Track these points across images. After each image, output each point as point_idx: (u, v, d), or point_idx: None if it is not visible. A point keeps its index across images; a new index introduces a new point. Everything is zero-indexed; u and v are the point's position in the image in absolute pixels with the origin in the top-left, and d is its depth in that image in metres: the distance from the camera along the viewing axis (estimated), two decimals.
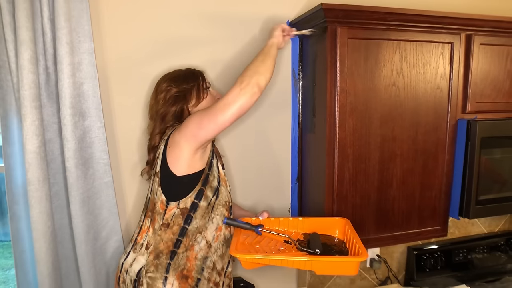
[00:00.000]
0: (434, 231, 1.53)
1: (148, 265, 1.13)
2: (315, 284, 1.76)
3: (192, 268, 1.15)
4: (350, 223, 1.22)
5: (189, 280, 1.15)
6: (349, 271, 1.06)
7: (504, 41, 1.48)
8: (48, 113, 1.28)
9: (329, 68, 1.29)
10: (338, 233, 1.25)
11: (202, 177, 1.15)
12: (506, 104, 1.54)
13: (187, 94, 1.24)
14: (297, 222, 1.28)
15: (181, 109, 1.23)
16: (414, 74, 1.38)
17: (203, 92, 1.26)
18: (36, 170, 1.19)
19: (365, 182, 1.38)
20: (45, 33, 1.22)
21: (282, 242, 1.21)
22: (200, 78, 1.28)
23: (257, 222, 1.25)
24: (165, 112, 1.22)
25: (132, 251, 1.19)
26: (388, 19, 1.30)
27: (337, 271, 1.08)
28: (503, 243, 1.98)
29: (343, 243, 1.21)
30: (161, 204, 1.15)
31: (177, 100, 1.22)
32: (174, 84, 1.23)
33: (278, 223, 1.28)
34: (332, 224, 1.27)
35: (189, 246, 1.15)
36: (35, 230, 1.22)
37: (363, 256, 1.02)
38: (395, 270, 1.90)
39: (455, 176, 1.51)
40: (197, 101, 1.25)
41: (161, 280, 1.12)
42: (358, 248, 1.07)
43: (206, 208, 1.16)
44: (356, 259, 1.05)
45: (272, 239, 1.23)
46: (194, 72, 1.29)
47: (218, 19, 1.46)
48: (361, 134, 1.35)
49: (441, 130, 1.45)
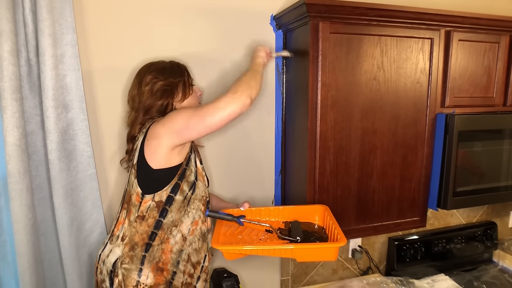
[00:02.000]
0: (413, 222, 1.58)
1: (124, 257, 1.14)
2: (298, 274, 1.80)
3: (167, 261, 1.17)
4: (329, 210, 1.26)
5: (165, 273, 1.16)
6: (329, 256, 1.10)
7: (482, 38, 1.52)
8: (30, 105, 1.27)
9: (311, 62, 1.31)
10: (318, 219, 1.29)
11: (179, 171, 1.16)
12: (483, 99, 1.58)
13: (174, 89, 1.24)
14: (278, 211, 1.31)
15: (167, 103, 1.23)
16: (395, 68, 1.41)
17: (189, 88, 1.27)
18: (17, 162, 1.19)
19: (346, 174, 1.41)
20: (27, 24, 1.21)
21: (264, 232, 1.24)
22: (186, 73, 1.28)
23: (238, 212, 1.27)
24: (151, 104, 1.21)
25: (109, 243, 1.20)
26: (369, 14, 1.33)
27: (317, 257, 1.12)
28: (480, 233, 2.04)
29: (323, 229, 1.24)
30: (136, 196, 1.16)
31: (164, 93, 1.22)
32: (161, 77, 1.22)
33: (259, 213, 1.31)
34: (312, 211, 1.31)
35: (164, 239, 1.16)
36: (16, 223, 1.21)
37: (341, 242, 1.06)
38: (376, 260, 1.95)
39: (434, 168, 1.56)
40: (183, 97, 1.25)
41: (136, 271, 1.13)
42: (337, 234, 1.10)
43: (182, 202, 1.17)
44: (334, 245, 1.08)
45: (253, 229, 1.25)
46: (180, 66, 1.29)
47: (201, 11, 1.46)
48: (342, 127, 1.38)
49: (421, 123, 1.49)
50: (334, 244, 1.08)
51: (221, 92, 1.52)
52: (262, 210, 1.31)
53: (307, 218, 1.30)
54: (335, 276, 1.88)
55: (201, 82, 1.48)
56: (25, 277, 1.25)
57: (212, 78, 1.51)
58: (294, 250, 1.08)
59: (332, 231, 1.15)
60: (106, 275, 1.16)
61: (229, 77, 1.51)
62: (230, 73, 1.52)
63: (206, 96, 1.48)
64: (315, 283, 1.84)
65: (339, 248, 1.09)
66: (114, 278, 1.14)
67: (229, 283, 1.45)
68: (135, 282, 1.13)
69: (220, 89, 1.51)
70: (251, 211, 1.30)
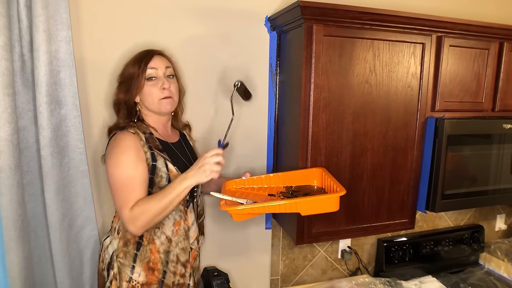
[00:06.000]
0: (402, 224, 1.60)
1: (118, 251, 1.19)
2: (288, 274, 1.82)
3: (156, 261, 1.19)
4: (326, 171, 1.31)
5: (156, 272, 1.19)
6: (331, 207, 1.14)
7: (472, 44, 1.55)
8: (22, 100, 1.27)
9: (305, 64, 1.32)
10: (316, 182, 1.34)
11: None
12: (472, 104, 1.61)
13: (128, 83, 1.19)
14: (277, 178, 1.35)
15: (127, 99, 1.21)
16: (386, 72, 1.43)
17: (138, 81, 1.18)
18: (8, 157, 1.19)
19: (336, 175, 1.42)
20: (21, 19, 1.21)
21: (267, 196, 1.27)
22: (144, 62, 1.18)
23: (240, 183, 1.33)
24: (114, 100, 1.25)
25: (110, 233, 1.26)
26: (362, 18, 1.35)
27: (320, 209, 1.15)
28: (467, 236, 2.07)
29: (322, 189, 1.29)
30: None
31: (121, 88, 1.23)
32: (123, 69, 1.24)
33: (260, 181, 1.34)
34: (310, 174, 1.35)
35: (150, 240, 1.19)
36: (5, 218, 1.21)
37: (341, 191, 1.12)
38: (365, 261, 1.97)
39: (423, 171, 1.58)
40: (136, 91, 1.19)
41: (129, 268, 1.17)
42: (336, 187, 1.16)
43: None
44: (335, 195, 1.13)
45: (256, 195, 1.28)
46: (141, 54, 1.22)
47: (197, 11, 1.47)
48: (334, 129, 1.39)
49: (411, 127, 1.52)
50: (335, 194, 1.13)
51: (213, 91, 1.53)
52: (263, 178, 1.34)
53: (306, 181, 1.35)
54: (324, 276, 1.90)
55: (191, 82, 1.48)
56: (14, 272, 1.25)
57: (205, 78, 1.52)
58: (298, 204, 1.11)
59: (332, 187, 1.21)
60: (105, 265, 1.21)
61: (225, 77, 1.52)
62: (226, 73, 1.53)
63: (198, 92, 1.49)
64: (305, 283, 1.86)
65: (339, 197, 1.13)
66: (110, 270, 1.18)
67: (219, 282, 1.46)
68: (128, 277, 1.17)
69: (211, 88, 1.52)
70: (253, 180, 1.34)
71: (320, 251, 1.86)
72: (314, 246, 1.85)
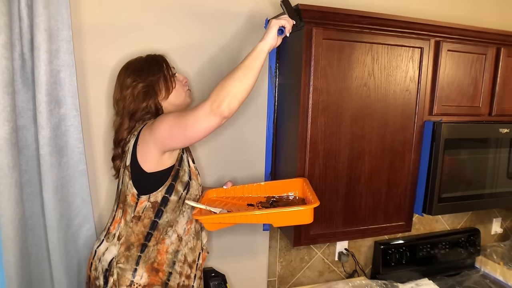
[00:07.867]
0: (399, 227, 1.61)
1: (119, 256, 1.14)
2: (285, 275, 1.82)
3: (163, 262, 1.16)
4: (307, 181, 1.30)
5: (160, 273, 1.16)
6: (304, 219, 1.10)
7: (469, 49, 1.57)
8: (22, 99, 1.27)
9: (304, 67, 1.33)
10: (298, 193, 1.34)
11: (173, 172, 1.16)
12: (469, 108, 1.63)
13: (156, 87, 1.20)
14: (260, 187, 1.35)
15: (152, 104, 1.20)
16: (385, 76, 1.44)
17: (170, 81, 1.23)
18: (6, 156, 1.19)
19: (334, 178, 1.44)
20: (22, 18, 1.21)
21: (246, 206, 1.26)
22: (164, 65, 1.23)
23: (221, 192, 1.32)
24: (135, 109, 1.19)
25: (105, 240, 1.20)
26: (362, 22, 1.36)
27: (293, 221, 1.12)
28: (464, 239, 2.09)
29: (303, 200, 1.28)
30: (132, 197, 1.16)
31: (146, 95, 1.19)
32: (139, 79, 1.19)
33: (242, 190, 1.34)
34: (292, 184, 1.35)
35: (160, 240, 1.17)
36: (3, 217, 1.21)
37: (314, 203, 1.08)
38: (362, 263, 1.98)
39: (420, 174, 1.59)
40: (167, 92, 1.22)
41: (130, 271, 1.13)
42: (312, 199, 1.14)
43: (177, 202, 1.18)
44: (307, 207, 1.08)
45: (235, 204, 1.28)
46: (157, 60, 1.25)
47: (197, 13, 1.48)
48: (332, 131, 1.40)
49: (409, 130, 1.53)
50: (307, 206, 1.08)
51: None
52: (245, 188, 1.34)
53: (287, 191, 1.35)
54: (321, 278, 1.91)
55: (190, 85, 1.49)
56: (10, 271, 1.25)
57: (205, 82, 1.52)
58: (269, 215, 1.09)
59: (309, 199, 1.18)
60: (101, 273, 1.16)
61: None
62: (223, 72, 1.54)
63: (197, 96, 1.49)
64: (302, 285, 1.86)
65: (313, 210, 1.09)
66: (109, 277, 1.13)
67: (216, 283, 1.47)
68: (129, 281, 1.13)
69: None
70: (235, 189, 1.33)
71: (317, 253, 1.87)
72: (311, 248, 1.85)
